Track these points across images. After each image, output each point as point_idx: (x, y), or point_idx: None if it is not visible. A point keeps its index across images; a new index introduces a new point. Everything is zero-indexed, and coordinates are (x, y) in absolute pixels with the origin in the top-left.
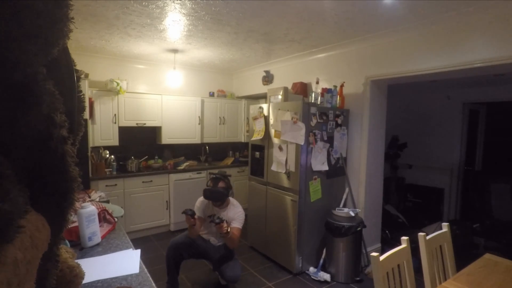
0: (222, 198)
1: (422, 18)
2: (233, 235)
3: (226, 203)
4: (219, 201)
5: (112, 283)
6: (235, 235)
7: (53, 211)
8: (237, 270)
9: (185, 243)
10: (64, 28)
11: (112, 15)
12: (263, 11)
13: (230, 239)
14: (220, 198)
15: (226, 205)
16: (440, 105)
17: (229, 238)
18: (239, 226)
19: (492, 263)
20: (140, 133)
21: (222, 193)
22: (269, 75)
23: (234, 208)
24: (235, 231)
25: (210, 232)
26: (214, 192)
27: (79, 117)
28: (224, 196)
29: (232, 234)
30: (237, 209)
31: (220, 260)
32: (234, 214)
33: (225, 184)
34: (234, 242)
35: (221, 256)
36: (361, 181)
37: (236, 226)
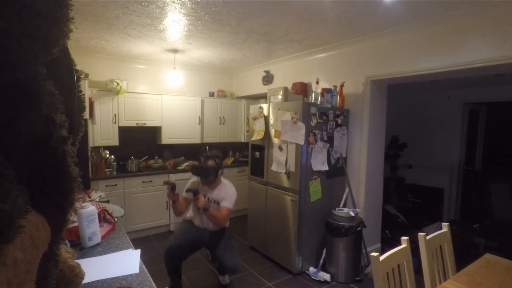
0: (210, 175)
1: (422, 18)
2: (218, 213)
3: (217, 182)
4: (207, 179)
5: (112, 283)
6: (221, 214)
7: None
8: (236, 258)
9: (180, 245)
10: (64, 28)
11: (112, 15)
12: (263, 11)
13: (212, 216)
14: (208, 175)
15: (217, 185)
16: (440, 105)
17: (211, 215)
18: (227, 205)
19: (492, 263)
20: (140, 133)
21: (210, 170)
22: (269, 75)
23: (225, 188)
24: (223, 210)
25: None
26: (202, 168)
27: (79, 117)
28: (212, 174)
29: (218, 212)
30: (228, 189)
31: (218, 247)
32: (224, 194)
33: (216, 164)
34: (218, 220)
35: (219, 243)
36: (361, 181)
37: (225, 205)
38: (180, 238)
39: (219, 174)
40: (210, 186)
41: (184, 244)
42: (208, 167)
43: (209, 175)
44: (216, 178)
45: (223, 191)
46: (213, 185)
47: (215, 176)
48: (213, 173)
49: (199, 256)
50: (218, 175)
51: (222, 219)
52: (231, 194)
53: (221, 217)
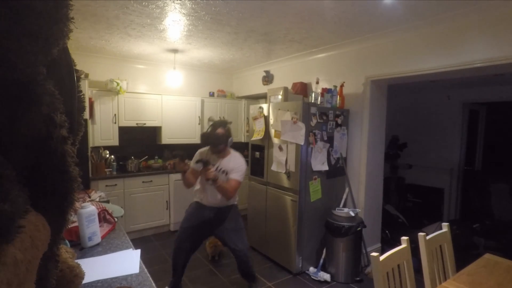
0: (220, 143)
1: (422, 18)
2: (227, 185)
3: (226, 152)
4: (217, 147)
5: (112, 283)
6: (231, 186)
7: (53, 211)
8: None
9: (191, 240)
10: (64, 28)
11: (112, 15)
12: (263, 11)
13: (220, 188)
14: (217, 143)
15: (226, 155)
16: (440, 105)
17: (220, 187)
18: (237, 178)
19: (492, 263)
20: (140, 133)
21: (220, 138)
22: (269, 75)
23: (234, 159)
24: (233, 183)
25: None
26: (211, 136)
27: (79, 117)
28: (222, 141)
29: (227, 183)
30: (238, 160)
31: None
32: (234, 165)
33: (225, 131)
34: (227, 192)
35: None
36: (361, 181)
37: (234, 177)
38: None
39: (229, 142)
40: (219, 156)
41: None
42: (217, 134)
43: (220, 143)
44: (226, 146)
45: (232, 161)
46: (222, 155)
47: (225, 144)
48: (223, 140)
49: (199, 256)
50: (228, 143)
51: (232, 191)
52: (241, 166)
53: (230, 189)
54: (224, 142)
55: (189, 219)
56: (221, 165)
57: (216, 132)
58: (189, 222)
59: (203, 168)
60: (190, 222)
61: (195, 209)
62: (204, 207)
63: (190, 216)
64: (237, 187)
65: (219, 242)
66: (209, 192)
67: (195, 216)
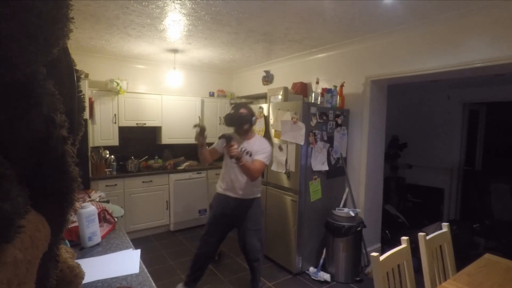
0: (245, 122)
1: (422, 18)
2: (251, 165)
3: (251, 134)
4: (242, 127)
5: (112, 283)
6: (255, 166)
7: (53, 211)
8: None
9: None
10: (64, 28)
11: (112, 15)
12: (263, 11)
13: (244, 167)
14: (242, 122)
15: (250, 137)
16: (440, 105)
17: (243, 166)
18: (261, 159)
19: (492, 263)
20: (140, 133)
21: (244, 117)
22: (269, 75)
23: (259, 141)
24: (256, 163)
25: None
26: (236, 116)
27: (79, 117)
28: (247, 120)
29: (252, 164)
30: (263, 142)
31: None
32: (259, 147)
33: (248, 111)
34: (251, 172)
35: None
36: (361, 181)
37: (259, 158)
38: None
39: (253, 121)
40: (243, 138)
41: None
42: (241, 114)
43: (245, 122)
44: (251, 126)
45: (257, 144)
46: (246, 136)
47: (250, 123)
48: (248, 119)
49: None
50: (253, 123)
51: (256, 172)
52: (266, 148)
53: (254, 169)
54: (249, 121)
55: (213, 214)
56: (245, 146)
57: (239, 112)
58: (213, 217)
59: (226, 145)
60: (214, 217)
61: (218, 202)
62: (226, 199)
63: (214, 211)
64: (262, 169)
65: None
66: (232, 176)
67: (219, 209)
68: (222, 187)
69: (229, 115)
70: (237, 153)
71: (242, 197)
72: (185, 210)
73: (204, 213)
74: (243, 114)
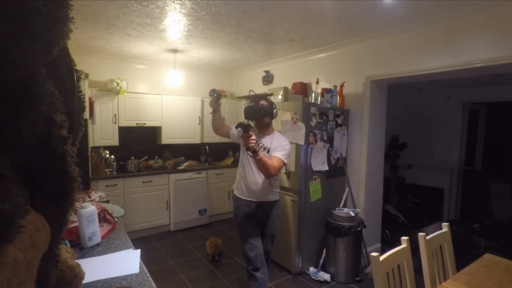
0: (266, 114)
1: (422, 18)
2: (269, 161)
3: (270, 129)
4: (261, 119)
5: (112, 283)
6: (272, 163)
7: (53, 211)
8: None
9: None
10: (64, 28)
11: (112, 15)
12: (263, 11)
13: (261, 163)
14: (263, 114)
15: (269, 132)
16: (440, 105)
17: (260, 161)
18: (280, 156)
19: (492, 263)
20: (140, 133)
21: (265, 109)
22: (269, 75)
23: (278, 138)
24: (274, 160)
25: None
26: (257, 108)
27: (79, 117)
28: (268, 112)
29: (269, 160)
30: (283, 140)
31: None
32: (277, 143)
33: (268, 103)
34: (268, 168)
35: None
36: (361, 181)
37: (277, 155)
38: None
39: (274, 113)
40: (261, 133)
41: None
42: (262, 105)
43: (266, 114)
44: (271, 120)
45: (276, 140)
46: (265, 132)
47: (271, 115)
48: (269, 111)
49: (199, 256)
50: (274, 115)
51: (272, 168)
52: (285, 145)
53: (271, 165)
54: (270, 114)
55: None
56: (262, 142)
57: (260, 103)
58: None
59: (243, 134)
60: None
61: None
62: (244, 204)
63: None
64: (279, 166)
65: (219, 242)
66: (249, 174)
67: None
68: (238, 187)
69: (249, 107)
70: (254, 145)
71: (259, 199)
72: (185, 210)
73: (204, 213)
74: (264, 106)
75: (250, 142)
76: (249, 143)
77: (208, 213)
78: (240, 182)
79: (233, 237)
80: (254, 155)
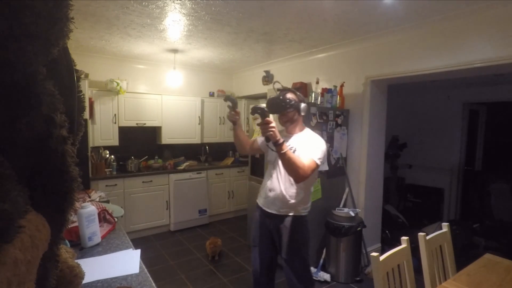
0: (289, 107)
1: (422, 18)
2: (298, 159)
3: (299, 126)
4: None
5: (112, 283)
6: (302, 163)
7: (53, 211)
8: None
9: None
10: (64, 28)
11: (112, 15)
12: (263, 11)
13: (287, 158)
14: (287, 106)
15: (298, 130)
16: (440, 105)
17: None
18: (311, 157)
19: (492, 263)
20: (140, 133)
21: (290, 101)
22: (269, 75)
23: (310, 136)
24: (306, 160)
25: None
26: (280, 100)
27: (79, 117)
28: (293, 105)
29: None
30: (314, 137)
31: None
32: (308, 142)
33: (296, 97)
34: (297, 168)
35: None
36: (361, 181)
37: (309, 155)
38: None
39: (301, 108)
40: (288, 131)
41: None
42: (286, 99)
43: (289, 106)
44: (298, 115)
45: (307, 138)
46: (293, 129)
47: (297, 110)
48: (294, 105)
49: (199, 256)
50: (301, 110)
51: (302, 168)
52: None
53: (302, 166)
54: (295, 107)
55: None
56: (289, 141)
57: (285, 96)
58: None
59: (261, 122)
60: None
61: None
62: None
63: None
64: (311, 167)
65: (219, 242)
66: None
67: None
68: (261, 194)
69: (271, 98)
70: (274, 132)
71: (279, 212)
72: (185, 210)
73: (204, 213)
74: (290, 98)
75: (269, 128)
76: (269, 130)
77: (208, 213)
78: (265, 180)
79: (233, 237)
80: (276, 148)
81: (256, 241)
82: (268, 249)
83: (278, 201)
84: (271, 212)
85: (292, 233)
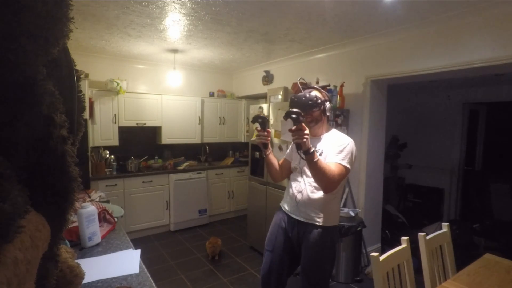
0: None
1: (422, 18)
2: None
3: (323, 127)
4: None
5: (112, 283)
6: (331, 169)
7: (53, 211)
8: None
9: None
10: (64, 28)
11: (112, 15)
12: (263, 11)
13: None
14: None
15: (323, 131)
16: (440, 105)
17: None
18: (339, 162)
19: (492, 263)
20: (140, 133)
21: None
22: (269, 75)
23: (338, 137)
24: (334, 166)
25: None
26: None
27: (79, 117)
28: (316, 104)
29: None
30: (341, 138)
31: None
32: (335, 145)
33: (323, 95)
34: (326, 175)
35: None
36: (361, 181)
37: (337, 161)
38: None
39: (326, 108)
40: (312, 132)
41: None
42: (311, 96)
43: (313, 105)
44: (322, 115)
45: (334, 140)
46: (317, 131)
47: (321, 110)
48: (317, 104)
49: (199, 256)
50: (326, 110)
51: (333, 176)
52: (347, 145)
53: (331, 173)
54: (319, 106)
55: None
56: (317, 144)
57: (310, 93)
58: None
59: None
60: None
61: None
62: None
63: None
64: (341, 174)
65: (219, 242)
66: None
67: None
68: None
69: (295, 96)
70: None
71: (305, 219)
72: (185, 210)
73: (204, 213)
74: (316, 96)
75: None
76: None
77: (208, 213)
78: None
79: (233, 237)
80: (308, 156)
81: (272, 246)
82: (284, 256)
83: (304, 207)
84: (297, 218)
85: (316, 245)
